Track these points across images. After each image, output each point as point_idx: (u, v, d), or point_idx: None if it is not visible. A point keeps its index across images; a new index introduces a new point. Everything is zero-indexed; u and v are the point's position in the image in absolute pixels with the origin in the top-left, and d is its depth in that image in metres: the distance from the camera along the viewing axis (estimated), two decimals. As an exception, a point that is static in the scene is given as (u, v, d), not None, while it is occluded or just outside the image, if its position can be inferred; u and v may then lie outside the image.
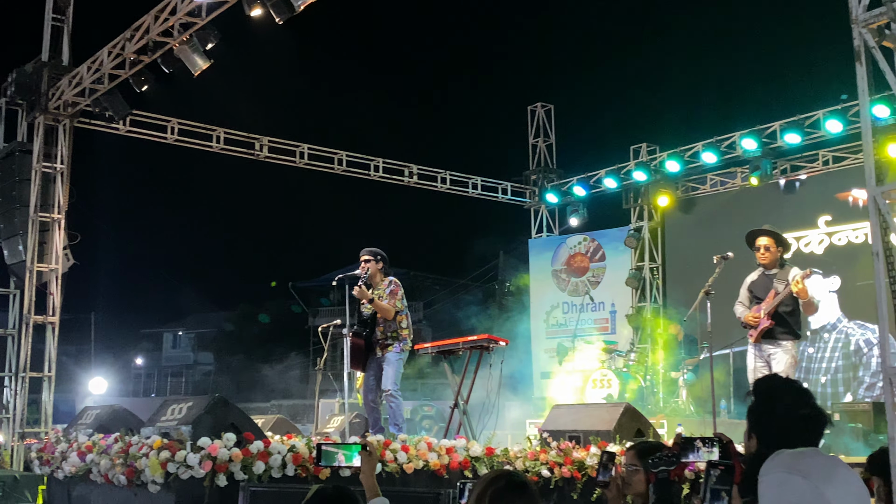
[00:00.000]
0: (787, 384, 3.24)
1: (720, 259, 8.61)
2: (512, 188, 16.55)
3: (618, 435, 7.04)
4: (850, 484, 2.32)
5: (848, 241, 12.72)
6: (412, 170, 15.21)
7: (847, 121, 12.11)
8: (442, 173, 15.57)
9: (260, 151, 13.72)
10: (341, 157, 14.51)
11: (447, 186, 15.63)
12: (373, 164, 14.80)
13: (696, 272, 13.13)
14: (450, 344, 9.32)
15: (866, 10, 4.11)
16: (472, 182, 15.98)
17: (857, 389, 12.24)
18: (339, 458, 3.87)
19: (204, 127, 13.30)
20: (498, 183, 16.39)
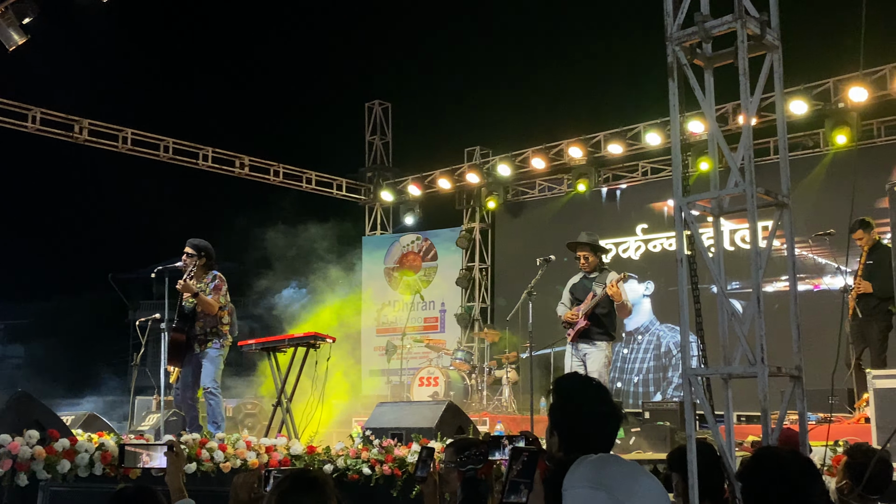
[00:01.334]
0: (586, 382, 3.33)
1: (542, 262, 8.91)
2: (347, 184, 16.46)
3: (439, 432, 7.11)
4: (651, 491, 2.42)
5: (662, 248, 13.42)
6: (244, 161, 14.85)
7: (666, 134, 12.77)
8: (275, 166, 15.28)
9: (79, 134, 13.01)
10: (168, 144, 13.98)
11: (280, 179, 15.36)
12: (202, 152, 14.34)
13: (522, 274, 13.49)
14: (274, 340, 9.13)
15: (680, 28, 4.32)
16: (307, 176, 15.78)
17: (666, 389, 12.92)
18: (143, 458, 3.67)
19: (18, 106, 12.48)
20: (333, 178, 16.26)
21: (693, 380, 4.06)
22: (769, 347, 3.89)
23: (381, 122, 16.83)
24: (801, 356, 4.14)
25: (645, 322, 13.37)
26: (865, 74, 11.00)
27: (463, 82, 17.00)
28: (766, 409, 3.88)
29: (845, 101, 11.21)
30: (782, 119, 4.46)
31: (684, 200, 4.19)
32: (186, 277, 8.08)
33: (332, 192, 16.26)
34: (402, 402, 10.50)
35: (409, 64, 17.35)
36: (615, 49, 15.01)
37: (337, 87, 17.53)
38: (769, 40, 4.26)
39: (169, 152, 13.99)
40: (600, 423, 3.06)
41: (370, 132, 16.81)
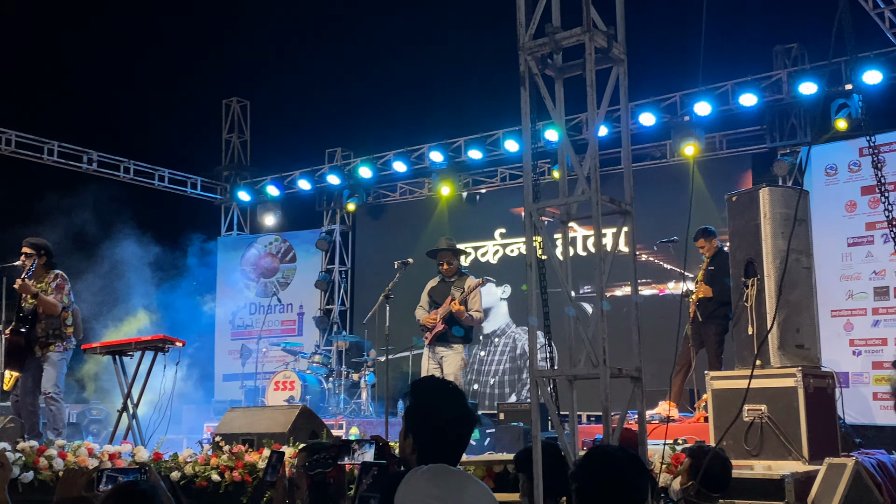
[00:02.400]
0: (441, 385, 3.35)
1: (400, 265, 8.96)
2: (202, 183, 16.03)
3: (292, 437, 7.02)
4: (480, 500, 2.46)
5: (519, 252, 13.70)
6: (92, 156, 14.23)
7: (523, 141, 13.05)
8: (125, 162, 14.72)
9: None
10: (10, 137, 13.25)
11: (131, 176, 14.81)
12: (47, 146, 13.66)
13: (382, 277, 13.48)
14: (121, 343, 8.80)
15: (532, 38, 4.43)
16: (159, 174, 15.27)
17: (521, 390, 13.20)
18: None
19: None
20: (187, 177, 15.80)
21: (540, 381, 4.16)
22: (616, 350, 4.04)
23: (240, 120, 16.49)
24: (640, 357, 4.30)
25: (502, 325, 13.62)
26: (709, 89, 11.58)
27: (324, 83, 16.84)
28: (608, 408, 4.01)
29: (691, 113, 11.77)
30: (627, 130, 4.63)
31: (534, 206, 4.29)
32: (25, 276, 7.68)
33: (187, 190, 15.80)
34: (255, 407, 10.32)
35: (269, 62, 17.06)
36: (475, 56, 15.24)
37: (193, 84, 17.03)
38: (616, 53, 4.42)
39: (11, 146, 13.27)
40: (455, 426, 3.09)
41: (227, 130, 16.43)
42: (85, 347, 8.72)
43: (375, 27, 17.01)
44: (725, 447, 6.34)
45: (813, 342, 6.92)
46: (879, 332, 10.09)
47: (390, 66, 16.71)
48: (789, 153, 11.56)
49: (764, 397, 6.52)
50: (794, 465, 6.11)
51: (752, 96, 11.37)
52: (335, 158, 15.26)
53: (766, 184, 7.55)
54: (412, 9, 15.95)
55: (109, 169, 14.52)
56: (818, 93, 10.84)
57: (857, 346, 10.21)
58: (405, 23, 16.44)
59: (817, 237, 7.99)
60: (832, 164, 10.65)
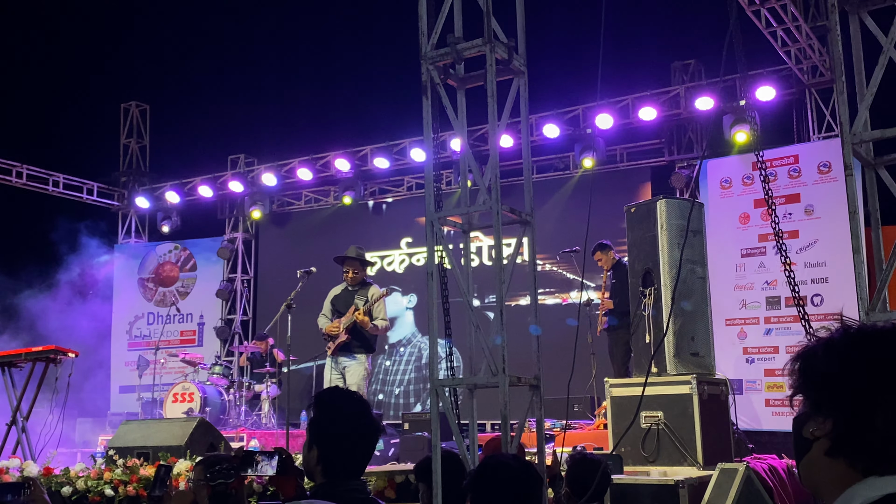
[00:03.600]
0: (345, 395, 3.33)
1: (303, 274, 8.84)
2: (99, 189, 15.53)
3: (189, 450, 6.84)
4: None
5: (425, 261, 13.71)
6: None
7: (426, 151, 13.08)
8: (18, 167, 14.17)
9: None
10: None
11: (24, 181, 14.25)
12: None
13: (286, 286, 13.30)
14: (10, 355, 8.43)
15: (434, 48, 4.44)
16: (54, 179, 14.73)
17: (426, 400, 13.19)
18: None
19: None
20: (83, 182, 15.29)
21: (440, 390, 4.16)
22: (520, 358, 4.07)
23: (139, 124, 16.05)
24: (540, 366, 4.35)
25: (407, 334, 13.60)
26: (610, 103, 11.84)
27: (227, 88, 16.57)
28: (506, 416, 4.04)
29: (592, 126, 12.00)
30: (527, 141, 4.68)
31: (435, 216, 4.30)
32: None
33: (83, 196, 15.29)
34: (151, 420, 10.03)
35: (169, 66, 16.66)
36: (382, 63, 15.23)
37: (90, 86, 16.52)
38: (516, 65, 4.47)
39: None
40: (359, 438, 3.07)
41: (126, 135, 15.97)
42: (-30, 359, 8.32)
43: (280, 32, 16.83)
44: (623, 453, 6.48)
45: (707, 350, 7.14)
46: (771, 341, 10.46)
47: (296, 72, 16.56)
48: (686, 166, 11.91)
49: (660, 404, 6.68)
50: (688, 470, 6.27)
51: (652, 110, 11.67)
52: (238, 165, 15.01)
53: (664, 196, 7.75)
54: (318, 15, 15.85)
55: (1, 174, 13.94)
56: (714, 108, 11.20)
57: (751, 354, 10.56)
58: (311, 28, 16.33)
59: (712, 248, 8.25)
60: (727, 177, 11.00)
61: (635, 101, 11.88)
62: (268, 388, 11.57)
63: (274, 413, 11.50)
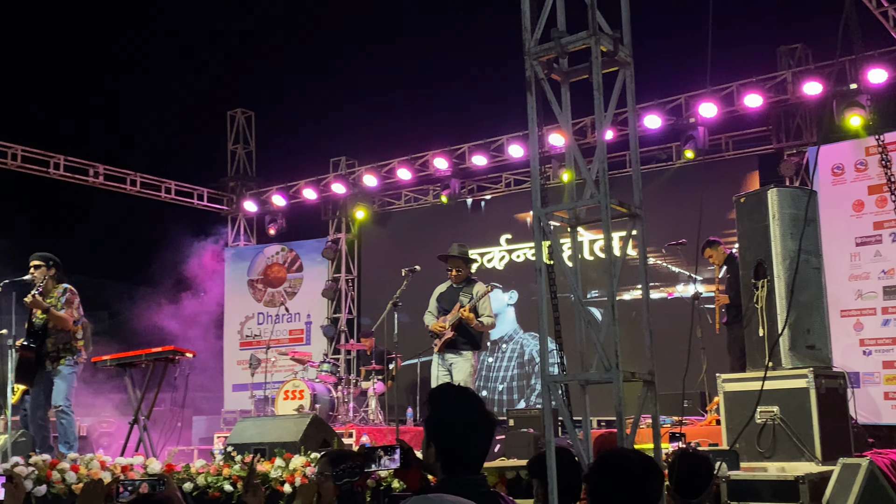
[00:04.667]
0: (459, 392, 3.37)
1: (408, 272, 8.96)
2: (209, 194, 16.06)
3: (303, 446, 7.01)
4: None
5: (525, 257, 13.69)
6: (98, 170, 14.27)
7: (528, 146, 13.05)
8: (132, 175, 14.76)
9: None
10: (16, 152, 13.29)
11: (137, 189, 14.85)
12: (52, 160, 13.70)
13: (389, 284, 13.47)
14: (131, 356, 8.80)
15: (538, 43, 4.43)
16: (166, 186, 15.30)
17: (529, 396, 13.18)
18: None
19: None
20: (193, 188, 15.84)
21: (552, 386, 4.15)
22: (626, 354, 4.03)
23: (244, 130, 16.51)
24: (653, 361, 4.29)
25: (509, 331, 13.60)
26: (714, 91, 11.57)
27: (327, 92, 16.91)
28: (621, 412, 4.00)
29: (696, 116, 11.75)
30: (634, 133, 4.63)
31: (542, 211, 4.29)
32: (35, 292, 7.68)
33: (193, 202, 15.83)
34: (266, 417, 10.30)
35: (273, 72, 17.12)
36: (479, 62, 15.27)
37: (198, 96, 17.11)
38: (622, 57, 4.42)
39: (17, 160, 13.31)
40: (474, 432, 3.10)
41: (233, 141, 16.46)
42: (95, 360, 8.72)
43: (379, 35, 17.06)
44: (738, 449, 6.33)
45: (824, 343, 6.91)
46: (890, 332, 10.06)
47: (393, 73, 16.77)
48: (795, 153, 11.56)
49: (776, 399, 6.50)
50: (807, 466, 6.09)
51: (758, 97, 11.36)
52: (339, 167, 15.28)
53: (775, 184, 7.53)
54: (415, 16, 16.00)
55: (115, 182, 14.55)
56: (823, 92, 10.82)
57: (868, 346, 10.17)
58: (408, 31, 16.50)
59: (825, 237, 7.98)
60: (839, 163, 10.62)
61: (740, 88, 11.58)
62: (374, 385, 11.75)
63: (381, 409, 11.67)
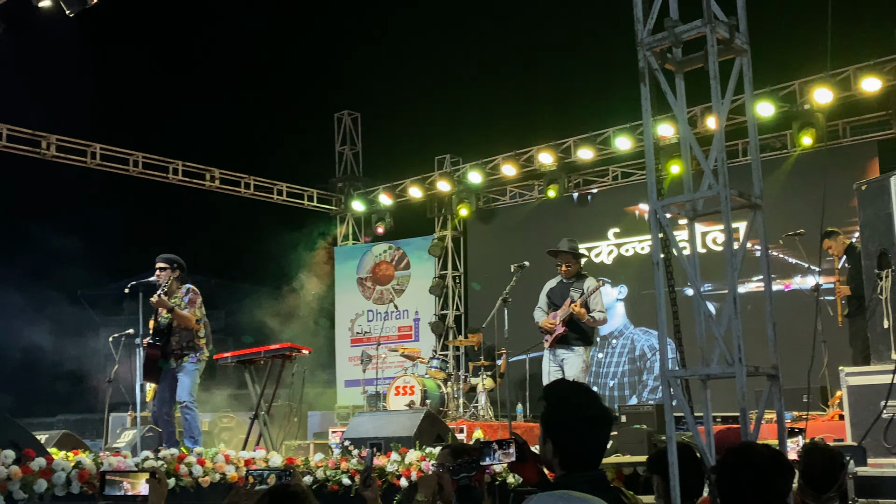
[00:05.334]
0: (574, 387, 3.36)
1: (517, 268, 8.96)
2: (318, 195, 16.43)
3: (418, 441, 7.11)
4: None
5: (635, 252, 13.51)
6: (214, 174, 14.78)
7: (636, 138, 12.88)
8: (245, 178, 15.23)
9: (47, 150, 12.89)
10: (137, 159, 13.88)
11: (251, 192, 15.31)
12: (171, 166, 14.26)
13: (495, 280, 13.52)
14: (250, 353, 9.09)
15: (650, 34, 4.37)
16: (278, 188, 15.73)
17: (641, 392, 13.00)
18: (125, 486, 3.59)
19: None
20: (304, 190, 16.23)
21: (672, 381, 4.10)
22: (745, 347, 3.94)
23: (351, 132, 16.82)
24: (777, 355, 4.19)
25: (619, 326, 13.44)
26: (830, 76, 11.17)
27: (432, 91, 17.03)
28: (745, 408, 3.92)
29: (811, 102, 11.37)
30: (753, 122, 4.52)
31: (659, 204, 4.23)
32: (161, 293, 8.01)
33: (304, 203, 16.23)
34: (380, 412, 10.47)
35: (377, 75, 17.38)
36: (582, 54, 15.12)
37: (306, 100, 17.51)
38: (738, 44, 4.32)
39: (139, 167, 13.90)
40: (592, 428, 3.09)
41: (340, 142, 16.78)
42: (216, 357, 9.03)
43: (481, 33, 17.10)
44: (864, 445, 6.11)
45: (955, 334, 6.60)
46: None
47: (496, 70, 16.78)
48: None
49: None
50: (940, 463, 5.84)
51: (876, 80, 10.93)
52: (444, 165, 15.39)
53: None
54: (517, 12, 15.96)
55: (230, 185, 15.03)
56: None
57: None
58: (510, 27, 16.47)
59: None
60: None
61: (857, 72, 11.15)
62: (483, 381, 11.80)
63: (490, 405, 11.71)
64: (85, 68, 15.24)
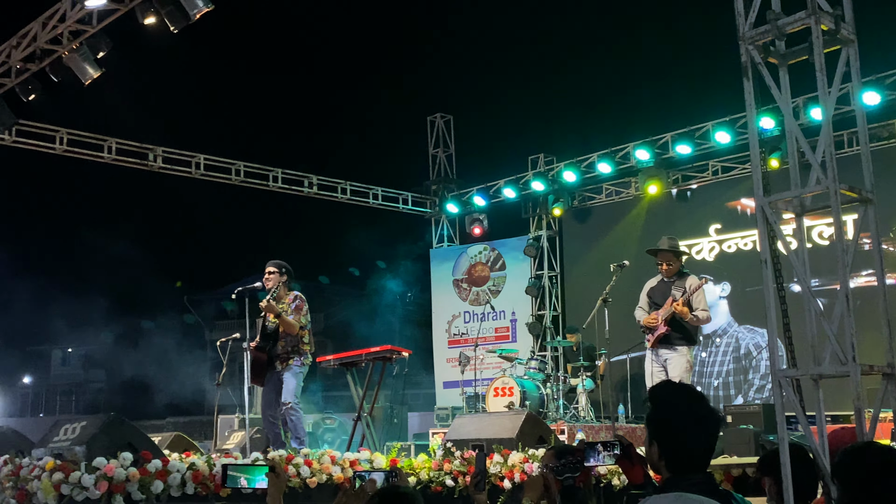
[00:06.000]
0: (681, 389, 3.31)
1: (616, 267, 8.86)
2: (412, 198, 16.59)
3: (520, 442, 7.11)
4: None
5: (737, 248, 13.19)
6: (312, 180, 15.08)
7: (735, 132, 12.59)
8: (342, 183, 15.49)
9: (154, 162, 13.38)
10: (239, 168, 14.28)
11: (347, 197, 15.56)
12: (271, 174, 14.62)
13: (592, 279, 13.41)
14: (352, 356, 9.25)
15: (752, 27, 4.28)
16: (373, 192, 15.95)
17: (747, 392, 12.69)
18: (241, 481, 3.71)
19: (95, 137, 12.89)
20: (399, 193, 16.41)
21: (783, 381, 4.01)
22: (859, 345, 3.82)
23: (444, 134, 16.92)
24: (893, 353, 4.04)
25: (722, 324, 13.14)
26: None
27: (524, 91, 17.08)
28: (861, 408, 3.81)
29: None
30: (861, 113, 4.38)
31: (766, 200, 4.14)
32: (270, 298, 8.20)
33: (398, 206, 16.41)
34: (481, 414, 10.49)
35: (469, 76, 17.49)
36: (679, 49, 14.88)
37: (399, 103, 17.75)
38: (844, 34, 4.19)
39: (240, 175, 14.29)
40: (700, 429, 3.05)
41: (433, 145, 16.91)
42: (319, 360, 9.22)
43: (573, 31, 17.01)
44: None
45: None
46: None
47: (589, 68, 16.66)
48: None
49: None
50: None
51: None
52: (538, 165, 15.33)
53: None
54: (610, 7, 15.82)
55: (327, 191, 15.32)
56: None
57: None
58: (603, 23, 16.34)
59: None
60: None
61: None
62: (583, 382, 11.72)
63: (591, 406, 11.61)
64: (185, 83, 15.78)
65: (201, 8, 8.29)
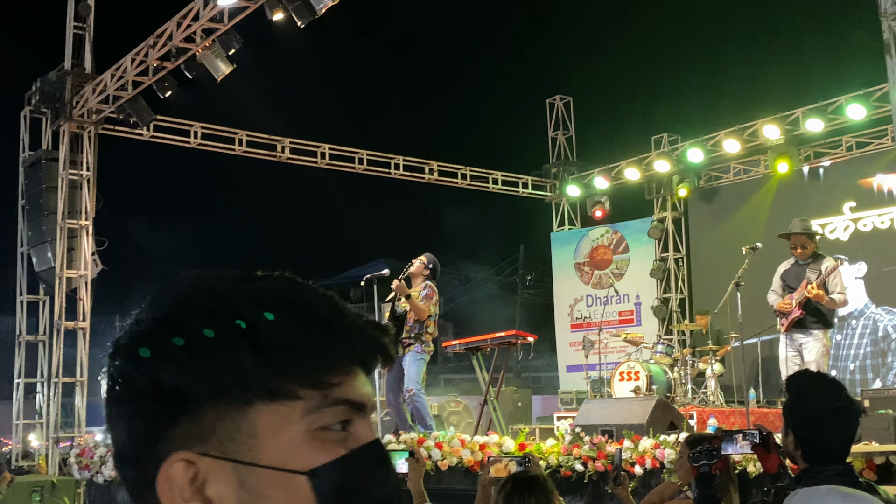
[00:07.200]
0: (818, 378, 3.28)
1: (749, 250, 8.63)
2: (532, 182, 16.54)
3: (651, 428, 7.04)
4: None
5: (873, 226, 12.63)
6: (432, 166, 15.24)
7: (870, 106, 12.02)
8: (462, 169, 15.59)
9: (282, 153, 13.79)
10: (362, 157, 14.56)
11: (468, 182, 15.65)
12: (393, 162, 14.85)
13: (720, 261, 13.09)
14: (478, 340, 9.34)
15: (894, 3, 4.10)
16: (493, 177, 15.98)
17: (886, 375, 12.17)
18: None
19: (226, 130, 13.39)
20: (518, 177, 16.39)
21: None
22: None
23: (563, 116, 16.79)
24: None
25: (859, 306, 12.61)
26: None
27: (646, 70, 16.76)
28: None
29: None
30: None
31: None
32: (402, 277, 8.36)
33: (518, 190, 16.38)
34: (610, 399, 10.43)
35: (589, 57, 17.28)
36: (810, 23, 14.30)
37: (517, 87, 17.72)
38: None
39: (363, 164, 14.57)
40: (834, 419, 3.00)
41: (553, 128, 16.80)
42: (445, 345, 9.36)
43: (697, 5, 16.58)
44: None
45: None
46: None
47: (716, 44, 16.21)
48: None
49: None
50: None
51: None
52: (662, 145, 15.03)
53: None
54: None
55: (447, 177, 15.45)
56: None
57: None
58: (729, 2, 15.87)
59: None
60: None
61: None
62: (712, 366, 11.48)
63: (721, 391, 11.37)
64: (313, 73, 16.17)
65: (326, 2, 8.49)
